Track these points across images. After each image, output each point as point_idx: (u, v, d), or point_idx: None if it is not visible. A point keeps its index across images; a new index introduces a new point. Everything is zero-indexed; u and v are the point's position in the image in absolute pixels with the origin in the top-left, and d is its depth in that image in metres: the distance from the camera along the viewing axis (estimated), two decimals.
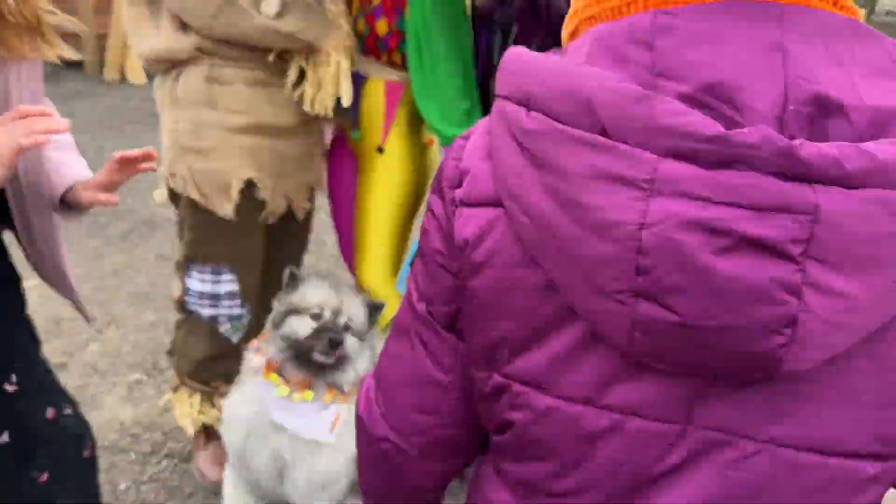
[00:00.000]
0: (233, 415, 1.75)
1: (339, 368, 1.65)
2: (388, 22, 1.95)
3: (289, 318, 1.66)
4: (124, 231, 3.92)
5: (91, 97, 7.18)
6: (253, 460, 1.71)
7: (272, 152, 1.94)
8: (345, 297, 1.67)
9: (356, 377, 1.67)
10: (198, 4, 1.74)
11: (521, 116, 0.63)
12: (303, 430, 1.66)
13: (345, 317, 1.65)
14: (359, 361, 1.67)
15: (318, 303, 1.65)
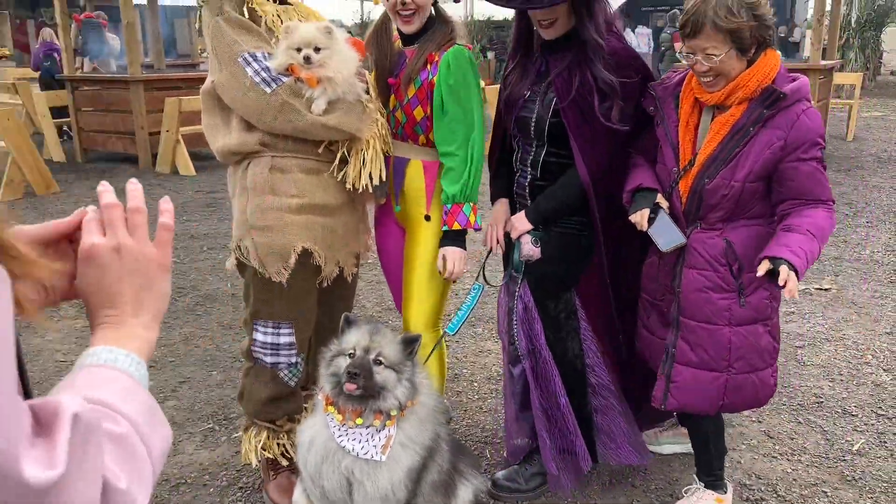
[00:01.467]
0: (305, 441, 2.11)
1: (380, 397, 2.00)
2: (424, 109, 2.38)
3: (335, 359, 2.04)
4: (190, 304, 4.38)
5: (146, 190, 7.71)
6: (324, 479, 2.05)
7: (323, 227, 2.35)
8: (377, 337, 2.01)
9: (397, 403, 2.01)
10: (262, 108, 2.19)
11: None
12: (360, 452, 2.02)
13: (374, 353, 1.98)
14: (397, 389, 2.01)
15: (353, 344, 2.00)
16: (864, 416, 3.03)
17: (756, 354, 2.15)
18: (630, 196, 2.20)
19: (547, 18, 2.19)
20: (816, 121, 2.01)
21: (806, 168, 2.00)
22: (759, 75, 2.00)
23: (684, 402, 2.21)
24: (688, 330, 2.17)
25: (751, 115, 2.02)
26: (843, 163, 8.84)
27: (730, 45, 1.97)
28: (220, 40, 2.20)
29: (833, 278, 4.71)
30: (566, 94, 2.21)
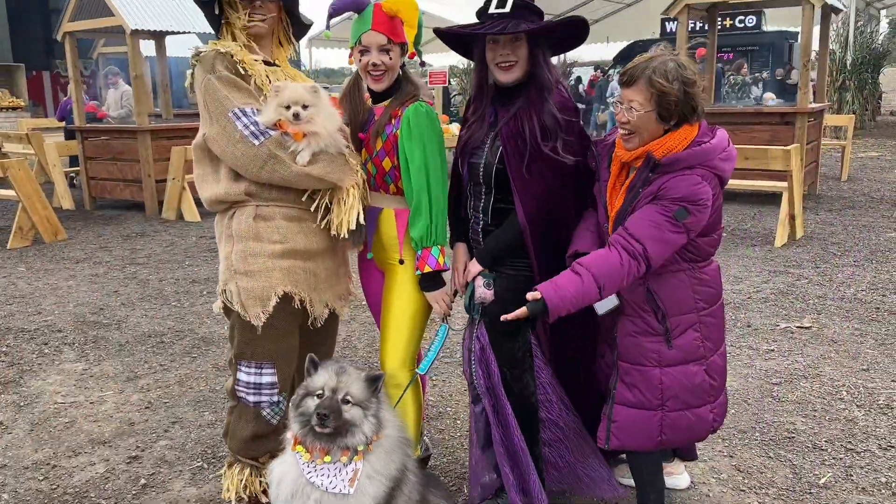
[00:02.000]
0: (276, 477, 2.23)
1: (348, 434, 2.11)
2: (391, 160, 2.56)
3: (304, 399, 2.16)
4: (187, 347, 4.52)
5: (151, 236, 8.01)
6: None
7: (305, 271, 2.50)
8: (343, 377, 2.12)
9: (364, 438, 2.13)
10: (250, 159, 2.36)
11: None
12: (329, 486, 2.13)
13: (342, 393, 2.10)
14: (364, 425, 2.12)
15: (321, 385, 2.12)
16: (833, 450, 3.11)
17: (689, 393, 2.26)
18: (571, 261, 2.32)
19: (507, 61, 2.36)
20: (688, 186, 2.12)
21: (647, 208, 2.14)
22: (663, 148, 2.16)
23: (625, 441, 2.33)
24: (624, 372, 2.30)
25: (640, 176, 2.19)
26: (835, 203, 8.97)
27: (653, 107, 2.13)
28: (213, 96, 2.38)
29: (815, 316, 4.81)
30: (510, 140, 2.38)
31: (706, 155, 2.16)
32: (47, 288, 5.97)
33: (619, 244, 2.15)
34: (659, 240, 2.12)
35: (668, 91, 2.11)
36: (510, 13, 2.33)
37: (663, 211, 2.12)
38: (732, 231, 7.52)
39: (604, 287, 2.13)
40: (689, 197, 2.11)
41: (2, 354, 4.48)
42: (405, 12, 2.54)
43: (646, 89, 2.12)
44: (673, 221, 2.12)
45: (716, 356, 2.32)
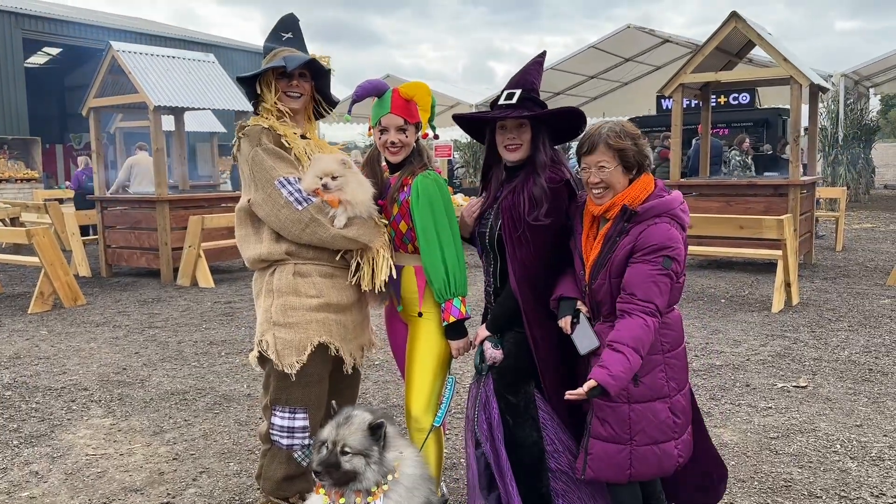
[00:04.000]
0: None
1: (356, 479, 2.31)
2: (406, 223, 2.85)
3: (320, 448, 2.35)
4: (209, 403, 4.72)
5: (167, 301, 8.26)
6: None
7: (337, 323, 2.77)
8: (342, 429, 2.33)
9: (374, 481, 2.32)
10: (293, 222, 2.65)
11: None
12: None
13: (340, 445, 2.30)
14: (367, 472, 2.31)
15: (324, 438, 2.35)
16: (827, 497, 3.29)
17: (655, 428, 2.49)
18: (556, 304, 2.64)
19: (513, 143, 2.70)
20: (663, 233, 2.43)
21: (639, 267, 2.41)
22: (629, 196, 2.49)
23: (598, 472, 2.53)
24: (598, 407, 2.53)
25: (616, 227, 2.50)
26: (829, 272, 9.25)
27: (617, 162, 2.49)
28: (259, 166, 2.69)
29: (811, 377, 5.02)
30: (506, 211, 2.70)
31: (669, 205, 2.49)
32: (70, 350, 6.20)
33: (636, 310, 2.41)
34: (661, 292, 2.41)
35: (624, 147, 2.49)
36: (517, 104, 2.70)
37: (652, 266, 2.40)
38: (731, 298, 7.77)
39: (641, 350, 2.39)
40: (666, 243, 2.41)
41: (32, 410, 4.68)
42: (420, 97, 2.88)
43: (606, 150, 2.49)
44: (664, 272, 2.40)
45: (679, 396, 2.55)
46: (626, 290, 2.44)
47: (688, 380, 2.64)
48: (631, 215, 2.46)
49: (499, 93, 2.80)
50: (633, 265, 2.43)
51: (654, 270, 2.40)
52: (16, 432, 4.31)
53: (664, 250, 2.41)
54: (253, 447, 3.99)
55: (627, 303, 2.43)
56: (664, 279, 2.40)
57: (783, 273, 7.19)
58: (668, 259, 2.40)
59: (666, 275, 2.40)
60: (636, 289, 2.41)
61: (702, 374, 5.12)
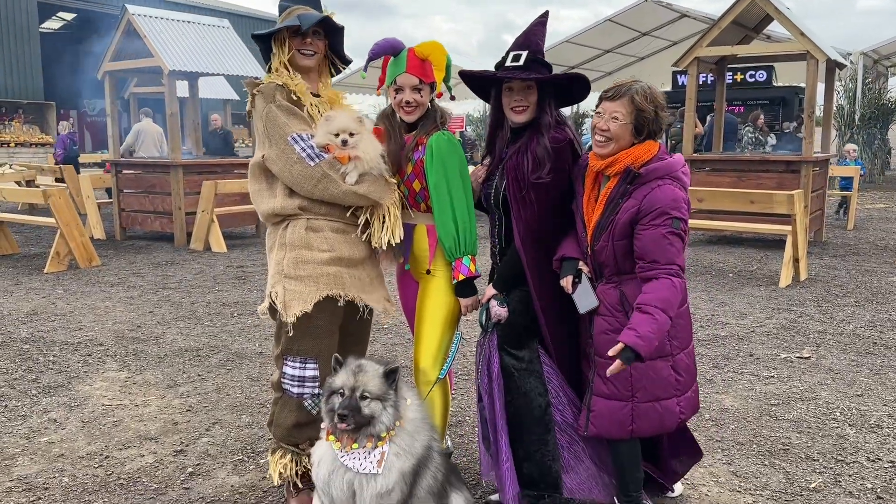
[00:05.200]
0: (316, 459, 2.52)
1: (371, 424, 2.39)
2: (420, 182, 2.90)
3: (331, 397, 2.45)
4: (222, 360, 4.83)
5: (181, 264, 8.37)
6: (332, 489, 2.45)
7: (350, 276, 2.83)
8: (360, 375, 2.40)
9: (385, 427, 2.40)
10: (305, 178, 2.71)
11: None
12: (360, 468, 2.42)
13: (360, 390, 2.38)
14: (383, 416, 2.39)
15: (341, 385, 2.41)
16: (824, 461, 3.36)
17: (657, 386, 2.55)
18: (559, 264, 2.70)
19: (520, 105, 2.73)
20: (667, 194, 2.47)
21: (650, 233, 2.45)
22: (630, 157, 2.52)
23: (601, 428, 2.61)
24: (600, 366, 2.59)
25: (618, 189, 2.54)
26: (839, 249, 9.25)
27: (631, 119, 2.51)
28: (273, 123, 2.74)
29: (815, 348, 5.07)
30: (511, 171, 2.75)
31: (672, 167, 2.53)
32: (85, 308, 6.32)
33: (661, 274, 2.46)
34: (678, 252, 2.47)
35: (645, 109, 2.51)
36: (524, 66, 2.72)
37: (664, 230, 2.45)
38: (739, 272, 7.81)
39: (669, 310, 2.44)
40: (672, 204, 2.46)
41: (49, 363, 4.80)
42: (435, 57, 2.91)
43: (628, 104, 2.52)
44: (675, 232, 2.46)
45: (682, 354, 2.61)
46: (645, 259, 2.48)
47: (692, 340, 2.69)
48: (634, 177, 2.50)
49: (505, 54, 2.82)
50: (645, 232, 2.47)
51: (667, 233, 2.45)
52: (34, 382, 4.43)
53: (672, 212, 2.45)
54: (264, 401, 4.10)
55: (651, 269, 2.47)
56: (677, 239, 2.46)
57: (792, 248, 7.21)
58: (677, 220, 2.46)
59: (677, 235, 2.46)
60: (656, 255, 2.46)
61: (706, 344, 5.18)
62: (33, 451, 3.48)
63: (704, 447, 3.47)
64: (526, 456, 2.80)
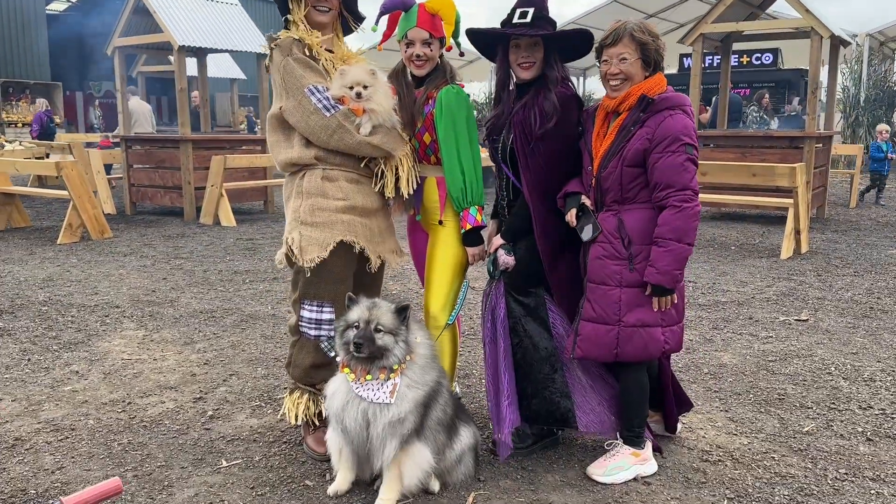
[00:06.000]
0: (330, 391, 2.66)
1: (383, 356, 2.54)
2: (430, 135, 3.02)
3: (345, 331, 2.59)
4: (236, 321, 4.98)
5: (191, 237, 8.51)
6: (346, 419, 2.59)
7: (363, 225, 2.96)
8: (374, 310, 2.55)
9: (397, 359, 2.54)
10: (321, 128, 2.83)
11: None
12: (373, 398, 2.56)
13: (374, 323, 2.53)
14: (395, 349, 2.54)
15: (357, 318, 2.56)
16: (818, 409, 3.50)
17: (643, 312, 2.68)
18: (563, 200, 2.84)
19: (527, 61, 2.84)
20: (679, 122, 2.60)
21: (666, 160, 2.58)
22: (642, 88, 2.66)
23: (587, 350, 2.75)
24: (590, 291, 2.75)
25: (631, 117, 2.67)
26: (841, 225, 9.35)
27: (638, 55, 2.65)
28: (290, 74, 2.86)
29: (813, 312, 5.20)
30: (518, 125, 2.86)
31: (683, 99, 2.67)
32: (100, 275, 6.47)
33: (673, 200, 2.59)
34: (691, 177, 2.60)
35: (646, 41, 2.67)
36: (530, 23, 2.83)
37: (678, 156, 2.58)
38: (741, 245, 7.92)
39: (686, 237, 2.59)
40: (684, 131, 2.59)
41: (69, 322, 4.95)
42: (445, 11, 3.02)
43: (630, 42, 2.66)
44: (689, 157, 2.59)
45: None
46: (659, 186, 2.62)
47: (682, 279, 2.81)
48: (648, 104, 2.63)
49: (510, 11, 2.93)
50: (660, 160, 2.60)
51: (681, 158, 2.58)
52: (55, 339, 4.58)
53: (684, 138, 2.59)
54: (279, 356, 4.24)
55: (665, 197, 2.61)
56: (690, 165, 2.60)
57: (793, 221, 7.32)
58: (689, 146, 2.60)
59: (691, 160, 2.60)
60: (671, 179, 2.59)
61: (706, 308, 5.31)
62: (58, 399, 3.63)
63: (702, 397, 3.62)
64: (534, 393, 2.93)
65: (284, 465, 2.93)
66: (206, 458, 3.00)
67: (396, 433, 2.55)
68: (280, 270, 6.58)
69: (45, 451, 3.06)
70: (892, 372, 4.00)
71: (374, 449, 2.56)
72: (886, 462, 2.97)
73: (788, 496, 2.69)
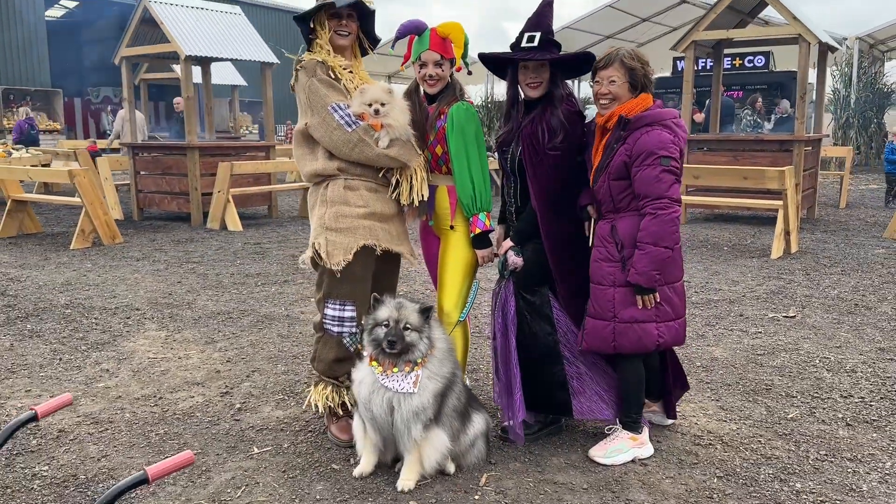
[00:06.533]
0: (357, 380, 2.93)
1: (409, 352, 2.81)
2: (442, 147, 3.29)
3: (374, 328, 2.86)
4: (252, 321, 5.23)
5: (200, 241, 8.75)
6: (373, 406, 2.86)
7: (382, 229, 3.22)
8: (402, 310, 2.83)
9: (421, 354, 2.82)
10: (343, 142, 3.10)
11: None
12: (398, 388, 2.82)
13: (403, 322, 2.80)
14: (420, 344, 2.82)
15: (386, 317, 2.83)
16: (802, 398, 3.77)
17: (636, 310, 2.96)
18: (580, 211, 3.19)
19: (534, 81, 3.12)
20: (654, 138, 2.87)
21: (643, 173, 2.86)
22: (623, 108, 2.94)
23: (590, 343, 3.05)
24: (591, 290, 3.05)
25: (614, 135, 2.96)
26: (830, 226, 9.65)
27: (626, 79, 2.94)
28: (315, 94, 3.13)
29: (800, 309, 5.47)
30: (527, 138, 3.14)
31: (661, 115, 2.94)
32: (116, 279, 6.72)
33: (649, 208, 2.88)
34: (668, 186, 2.86)
35: (635, 67, 2.95)
36: (538, 47, 3.11)
37: (653, 168, 2.85)
38: (733, 246, 8.20)
39: (662, 241, 2.86)
40: (658, 146, 2.86)
41: (93, 324, 5.20)
42: (455, 36, 3.29)
43: (620, 67, 2.95)
44: (664, 169, 2.86)
45: (666, 287, 2.99)
46: (640, 196, 2.91)
47: (680, 277, 3.08)
48: (625, 123, 2.91)
49: (518, 35, 3.20)
50: (638, 173, 2.88)
51: (657, 171, 2.85)
52: (82, 340, 4.83)
53: (659, 151, 2.85)
54: (297, 353, 4.50)
55: (645, 205, 2.90)
56: (666, 175, 2.86)
57: (783, 222, 7.60)
58: (665, 158, 2.86)
59: (667, 171, 2.86)
60: (648, 190, 2.87)
61: (700, 306, 5.58)
62: (93, 395, 3.88)
63: (695, 388, 3.90)
64: (537, 385, 3.20)
65: (311, 451, 3.19)
66: (239, 445, 3.26)
67: (419, 420, 2.81)
68: (290, 274, 6.84)
69: (89, 442, 3.31)
70: (872, 364, 4.28)
71: (398, 433, 2.82)
72: (863, 444, 3.24)
73: (773, 474, 2.96)
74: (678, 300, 3.05)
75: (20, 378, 4.13)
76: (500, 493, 2.84)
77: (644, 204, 2.89)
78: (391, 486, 2.85)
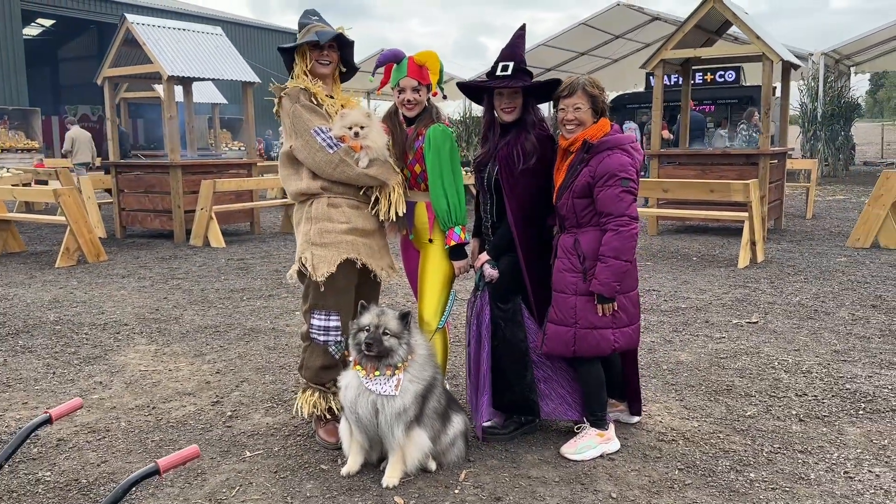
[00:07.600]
0: (344, 384, 3.14)
1: (389, 356, 3.03)
2: (420, 166, 3.52)
3: (357, 333, 3.08)
4: (239, 334, 5.42)
5: (184, 258, 8.91)
6: (359, 408, 3.07)
7: (364, 244, 3.45)
8: (382, 316, 3.05)
9: (400, 358, 3.04)
10: (325, 163, 3.32)
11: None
12: (381, 391, 3.04)
13: (382, 328, 3.02)
14: (399, 349, 3.03)
15: (367, 323, 3.06)
16: (760, 397, 4.03)
17: (595, 317, 3.22)
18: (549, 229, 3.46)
19: (509, 107, 3.37)
20: (616, 161, 3.14)
21: (604, 193, 3.13)
22: (586, 134, 3.21)
23: (551, 347, 3.30)
24: (553, 298, 3.30)
25: (578, 157, 3.22)
26: (796, 236, 10.00)
27: (589, 105, 3.21)
28: (299, 119, 3.36)
29: (763, 315, 5.76)
30: (503, 160, 3.39)
31: (620, 140, 3.21)
32: (103, 296, 6.87)
33: (611, 225, 3.14)
34: (627, 205, 3.13)
35: (596, 94, 3.23)
36: (511, 75, 3.37)
37: (614, 189, 3.11)
38: (702, 256, 8.51)
39: (622, 255, 3.12)
40: (620, 168, 3.12)
41: (83, 339, 5.36)
42: (431, 63, 3.55)
43: (583, 94, 3.22)
44: (624, 189, 3.12)
45: (622, 297, 3.25)
46: (602, 214, 3.17)
47: (635, 287, 3.33)
48: (589, 147, 3.16)
49: (493, 64, 3.46)
50: (600, 192, 3.14)
51: (617, 191, 3.12)
52: (74, 355, 4.99)
53: (620, 173, 3.12)
54: (284, 364, 4.70)
55: (606, 222, 3.16)
56: (626, 195, 3.13)
57: (749, 232, 7.92)
58: (625, 179, 3.13)
59: (626, 191, 3.13)
60: (610, 208, 3.13)
61: (668, 314, 5.85)
62: (88, 406, 4.05)
63: (661, 390, 4.15)
64: (507, 388, 3.44)
65: (301, 453, 3.39)
66: (232, 450, 3.45)
67: (401, 420, 3.03)
68: (274, 288, 7.02)
69: (88, 449, 3.48)
70: (827, 365, 4.56)
71: (383, 433, 3.04)
72: (814, 437, 3.50)
73: (729, 466, 3.21)
74: (633, 308, 3.30)
75: (17, 392, 4.28)
76: (478, 487, 3.06)
77: (606, 221, 3.15)
78: (377, 484, 3.06)
